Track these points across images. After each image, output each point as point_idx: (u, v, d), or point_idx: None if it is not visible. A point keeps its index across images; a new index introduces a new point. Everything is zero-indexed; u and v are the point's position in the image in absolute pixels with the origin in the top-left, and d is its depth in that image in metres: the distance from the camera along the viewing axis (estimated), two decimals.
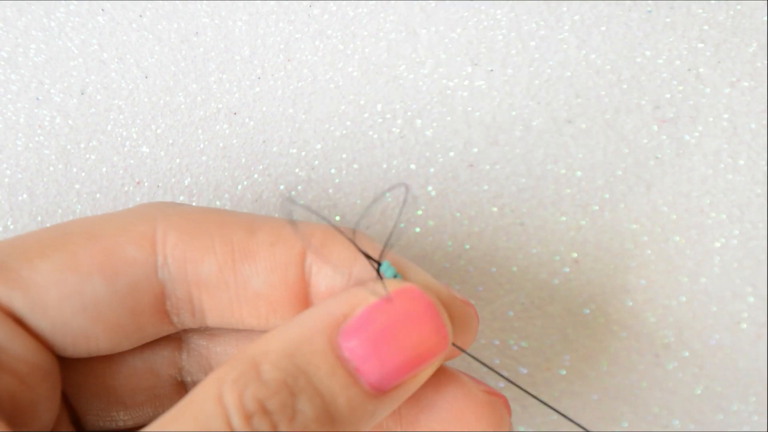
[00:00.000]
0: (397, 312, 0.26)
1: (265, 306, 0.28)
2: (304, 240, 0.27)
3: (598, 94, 0.34)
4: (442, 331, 0.26)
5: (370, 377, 0.25)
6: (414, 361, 0.25)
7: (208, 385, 0.24)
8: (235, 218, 0.28)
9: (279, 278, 0.28)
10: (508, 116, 0.34)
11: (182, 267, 0.27)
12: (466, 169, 0.35)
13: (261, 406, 0.23)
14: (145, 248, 0.27)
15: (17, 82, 0.33)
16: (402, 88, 0.34)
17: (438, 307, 0.26)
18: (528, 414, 0.36)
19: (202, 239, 0.27)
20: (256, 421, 0.23)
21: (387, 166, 0.35)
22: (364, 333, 0.25)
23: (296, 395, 0.24)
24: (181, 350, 0.30)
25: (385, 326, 0.25)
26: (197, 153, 0.34)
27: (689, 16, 0.34)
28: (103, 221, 0.28)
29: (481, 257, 0.35)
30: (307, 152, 0.34)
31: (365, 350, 0.25)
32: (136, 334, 0.28)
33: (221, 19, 0.33)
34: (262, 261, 0.28)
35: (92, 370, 0.29)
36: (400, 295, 0.26)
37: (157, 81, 0.34)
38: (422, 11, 0.34)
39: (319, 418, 0.24)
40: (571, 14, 0.34)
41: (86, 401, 0.29)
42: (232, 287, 0.28)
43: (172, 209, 0.28)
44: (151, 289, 0.27)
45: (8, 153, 0.34)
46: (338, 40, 0.34)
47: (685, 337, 0.36)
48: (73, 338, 0.27)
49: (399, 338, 0.25)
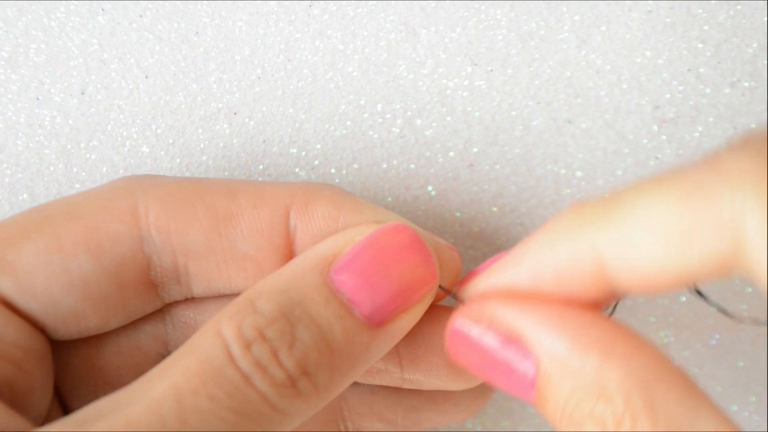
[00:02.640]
0: (385, 245, 0.26)
1: (252, 268, 0.28)
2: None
3: (598, 94, 0.34)
4: (429, 261, 0.27)
5: (363, 308, 0.25)
6: (404, 292, 0.26)
7: (207, 326, 0.24)
8: (214, 185, 0.29)
9: (264, 240, 0.28)
10: (507, 116, 0.34)
11: (167, 238, 0.28)
12: (466, 169, 0.35)
13: (260, 334, 0.24)
14: (127, 223, 0.27)
15: (17, 82, 0.33)
16: (402, 88, 0.34)
17: (424, 240, 0.27)
18: (527, 413, 0.36)
19: (185, 208, 0.28)
20: (256, 348, 0.23)
21: (387, 165, 0.35)
22: (354, 267, 0.26)
23: (294, 324, 0.24)
24: (165, 324, 0.30)
25: (373, 258, 0.26)
26: (197, 153, 0.34)
27: (689, 17, 0.34)
28: (83, 199, 0.28)
29: (482, 257, 0.35)
30: (307, 152, 0.34)
31: (356, 282, 0.25)
32: (123, 309, 0.28)
33: (221, 19, 0.34)
34: (246, 224, 0.28)
35: (77, 352, 0.29)
36: (386, 230, 0.27)
37: (157, 81, 0.34)
38: (422, 11, 0.34)
39: (318, 345, 0.24)
40: (571, 14, 0.34)
41: (73, 384, 0.29)
42: (219, 252, 0.28)
43: (150, 181, 0.29)
44: (136, 262, 0.28)
45: (8, 153, 0.34)
46: (338, 40, 0.34)
47: (685, 337, 0.36)
48: (63, 318, 0.27)
49: (388, 269, 0.26)
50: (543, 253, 0.24)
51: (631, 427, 0.21)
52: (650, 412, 0.21)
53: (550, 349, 0.23)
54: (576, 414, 0.22)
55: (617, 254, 0.23)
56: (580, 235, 0.24)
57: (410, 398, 0.31)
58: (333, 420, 0.31)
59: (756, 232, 0.20)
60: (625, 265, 0.23)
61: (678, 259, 0.22)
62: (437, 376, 0.29)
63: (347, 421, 0.31)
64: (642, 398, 0.21)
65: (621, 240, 0.23)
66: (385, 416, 0.31)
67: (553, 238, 0.24)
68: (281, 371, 0.23)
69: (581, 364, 0.23)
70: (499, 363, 0.24)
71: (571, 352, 0.23)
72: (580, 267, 0.24)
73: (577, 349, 0.23)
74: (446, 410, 0.32)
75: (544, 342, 0.23)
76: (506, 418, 0.36)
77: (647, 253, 0.22)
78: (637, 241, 0.22)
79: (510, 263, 0.25)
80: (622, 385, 0.22)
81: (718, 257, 0.21)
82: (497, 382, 0.25)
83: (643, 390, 0.22)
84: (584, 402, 0.22)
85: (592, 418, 0.22)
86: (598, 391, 0.22)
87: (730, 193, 0.21)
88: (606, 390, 0.22)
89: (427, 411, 0.32)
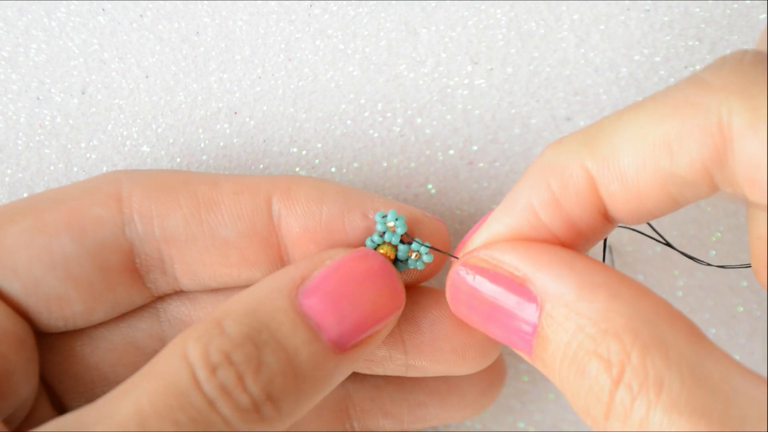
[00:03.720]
0: (354, 271, 0.26)
1: (236, 255, 0.28)
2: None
3: (596, 92, 0.34)
4: (397, 289, 0.27)
5: (330, 333, 0.25)
6: (371, 318, 0.26)
7: (172, 346, 0.24)
8: (198, 175, 0.29)
9: (246, 225, 0.28)
10: (507, 114, 0.35)
11: (149, 223, 0.28)
12: (466, 167, 0.35)
13: (226, 357, 0.23)
14: (111, 207, 0.27)
15: (18, 82, 0.33)
16: (402, 86, 0.34)
17: (391, 267, 0.27)
18: (527, 411, 0.37)
19: (167, 195, 0.28)
20: (221, 373, 0.23)
21: (387, 164, 0.35)
22: (322, 291, 0.26)
23: (260, 348, 0.24)
24: (160, 321, 0.30)
25: (342, 284, 0.26)
26: (198, 152, 0.34)
27: (687, 15, 0.34)
28: (70, 187, 0.28)
29: None
30: (307, 151, 0.35)
31: (324, 307, 0.25)
32: (109, 296, 0.28)
33: (222, 19, 0.34)
34: (227, 210, 0.28)
35: (71, 349, 0.29)
36: (356, 256, 0.27)
37: (157, 80, 0.34)
38: (422, 10, 0.34)
39: (284, 371, 0.24)
40: (570, 13, 0.34)
41: (69, 382, 0.29)
42: (200, 239, 0.28)
43: (135, 172, 0.29)
44: (119, 247, 0.28)
45: (9, 152, 0.34)
46: (339, 40, 0.34)
47: None
48: (46, 301, 0.27)
49: (356, 295, 0.26)
50: (534, 189, 0.24)
51: (640, 360, 0.21)
52: (661, 345, 0.21)
53: (555, 291, 0.23)
54: (579, 353, 0.22)
55: (607, 168, 0.23)
56: (568, 160, 0.24)
57: (416, 393, 0.32)
58: (338, 418, 0.31)
59: (743, 131, 0.21)
60: (615, 176, 0.23)
61: (666, 166, 0.22)
62: (442, 360, 0.29)
63: (352, 419, 0.31)
64: (651, 335, 0.21)
65: (610, 155, 0.23)
66: (391, 412, 0.31)
67: (542, 171, 0.24)
68: (246, 396, 0.23)
69: (588, 304, 0.22)
70: (500, 310, 0.24)
71: (578, 294, 0.23)
72: (573, 190, 0.24)
73: (584, 291, 0.23)
74: (452, 405, 0.32)
75: (549, 285, 0.23)
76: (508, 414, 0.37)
77: (635, 163, 0.23)
78: (625, 153, 0.23)
79: (503, 210, 0.25)
80: (629, 323, 0.22)
81: (705, 162, 0.22)
82: (497, 332, 0.25)
83: (652, 328, 0.21)
84: (589, 341, 0.22)
85: (596, 356, 0.22)
86: (604, 329, 0.22)
87: (716, 105, 0.21)
88: (613, 328, 0.22)
89: (433, 407, 0.32)
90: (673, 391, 0.20)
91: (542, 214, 0.25)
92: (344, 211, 0.28)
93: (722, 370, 0.21)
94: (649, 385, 0.21)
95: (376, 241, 0.28)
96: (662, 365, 0.21)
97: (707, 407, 0.20)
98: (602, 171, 0.23)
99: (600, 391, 0.21)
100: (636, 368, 0.21)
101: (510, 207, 0.25)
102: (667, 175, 0.23)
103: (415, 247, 0.28)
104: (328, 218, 0.28)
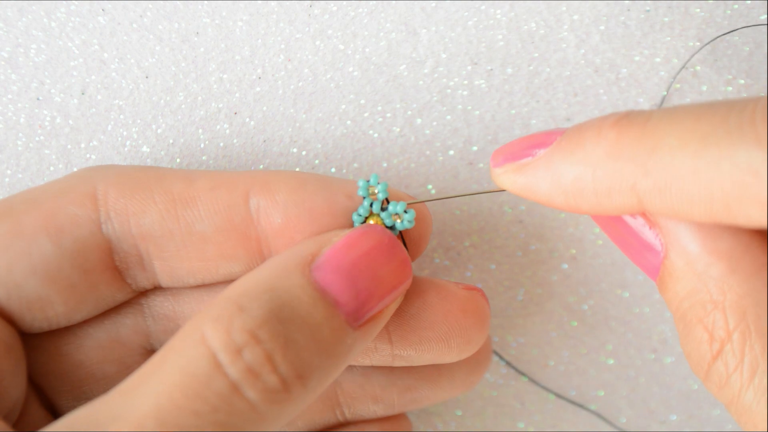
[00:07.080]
0: (363, 245, 0.26)
1: (213, 250, 0.28)
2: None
3: (596, 93, 0.34)
4: (405, 259, 0.27)
5: (348, 307, 0.25)
6: (384, 289, 0.26)
7: (186, 331, 0.23)
8: (173, 172, 0.29)
9: (223, 220, 0.28)
10: (507, 115, 0.35)
11: (125, 221, 0.28)
12: (466, 168, 0.35)
13: (252, 337, 0.23)
14: (86, 206, 0.27)
15: (18, 82, 0.33)
16: (402, 87, 0.34)
17: (396, 238, 0.28)
18: (527, 411, 0.37)
19: (142, 192, 0.28)
20: (248, 354, 0.22)
21: (387, 164, 0.35)
22: (335, 266, 0.25)
23: (286, 325, 0.23)
24: (145, 316, 0.30)
25: (354, 258, 0.26)
26: (198, 153, 0.34)
27: (687, 16, 0.34)
28: (44, 188, 0.28)
29: (480, 255, 0.35)
30: (307, 151, 0.35)
31: (340, 281, 0.25)
32: (90, 295, 0.28)
33: (222, 19, 0.34)
34: (203, 205, 0.28)
35: (57, 348, 0.29)
36: (361, 232, 0.27)
37: (157, 81, 0.34)
38: (422, 11, 0.34)
39: (310, 347, 0.24)
40: (570, 14, 0.34)
41: (56, 381, 0.29)
42: (177, 235, 0.28)
43: (109, 169, 0.29)
44: (97, 246, 0.28)
45: (9, 153, 0.34)
46: (338, 40, 0.34)
47: None
48: (28, 304, 0.27)
49: (369, 269, 0.26)
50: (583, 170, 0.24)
51: (740, 344, 0.22)
52: (763, 332, 0.22)
53: (682, 243, 0.23)
54: (689, 315, 0.23)
55: (657, 202, 0.22)
56: (620, 173, 0.23)
57: (404, 378, 0.31)
58: (329, 407, 0.31)
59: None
60: (663, 210, 0.23)
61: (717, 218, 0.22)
62: (428, 349, 0.29)
63: (343, 406, 0.31)
64: (756, 319, 0.22)
65: (661, 192, 0.22)
66: (381, 397, 0.31)
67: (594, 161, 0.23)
68: (275, 377, 0.22)
69: (706, 268, 0.23)
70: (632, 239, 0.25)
71: (700, 254, 0.23)
72: (618, 197, 0.23)
73: (706, 252, 0.23)
74: (442, 386, 0.32)
75: (679, 235, 0.23)
76: (507, 415, 0.37)
77: (687, 211, 0.22)
78: (678, 201, 0.22)
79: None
80: (740, 302, 0.22)
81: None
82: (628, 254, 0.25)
83: (759, 311, 0.22)
84: (699, 307, 0.23)
85: (702, 324, 0.23)
86: (714, 301, 0.23)
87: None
88: (722, 303, 0.22)
89: (423, 389, 0.31)
90: (765, 377, 0.22)
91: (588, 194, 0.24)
92: (328, 196, 0.28)
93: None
94: (744, 368, 0.22)
95: (362, 215, 0.28)
96: (759, 352, 0.22)
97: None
98: (653, 202, 0.22)
99: (701, 357, 0.23)
100: (734, 350, 0.22)
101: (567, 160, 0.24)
102: (715, 220, 0.22)
103: (393, 209, 0.28)
104: (311, 204, 0.28)
